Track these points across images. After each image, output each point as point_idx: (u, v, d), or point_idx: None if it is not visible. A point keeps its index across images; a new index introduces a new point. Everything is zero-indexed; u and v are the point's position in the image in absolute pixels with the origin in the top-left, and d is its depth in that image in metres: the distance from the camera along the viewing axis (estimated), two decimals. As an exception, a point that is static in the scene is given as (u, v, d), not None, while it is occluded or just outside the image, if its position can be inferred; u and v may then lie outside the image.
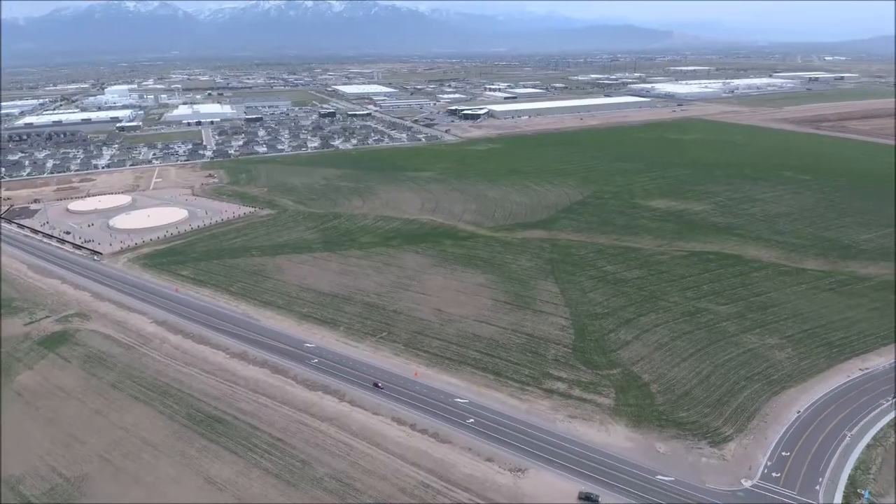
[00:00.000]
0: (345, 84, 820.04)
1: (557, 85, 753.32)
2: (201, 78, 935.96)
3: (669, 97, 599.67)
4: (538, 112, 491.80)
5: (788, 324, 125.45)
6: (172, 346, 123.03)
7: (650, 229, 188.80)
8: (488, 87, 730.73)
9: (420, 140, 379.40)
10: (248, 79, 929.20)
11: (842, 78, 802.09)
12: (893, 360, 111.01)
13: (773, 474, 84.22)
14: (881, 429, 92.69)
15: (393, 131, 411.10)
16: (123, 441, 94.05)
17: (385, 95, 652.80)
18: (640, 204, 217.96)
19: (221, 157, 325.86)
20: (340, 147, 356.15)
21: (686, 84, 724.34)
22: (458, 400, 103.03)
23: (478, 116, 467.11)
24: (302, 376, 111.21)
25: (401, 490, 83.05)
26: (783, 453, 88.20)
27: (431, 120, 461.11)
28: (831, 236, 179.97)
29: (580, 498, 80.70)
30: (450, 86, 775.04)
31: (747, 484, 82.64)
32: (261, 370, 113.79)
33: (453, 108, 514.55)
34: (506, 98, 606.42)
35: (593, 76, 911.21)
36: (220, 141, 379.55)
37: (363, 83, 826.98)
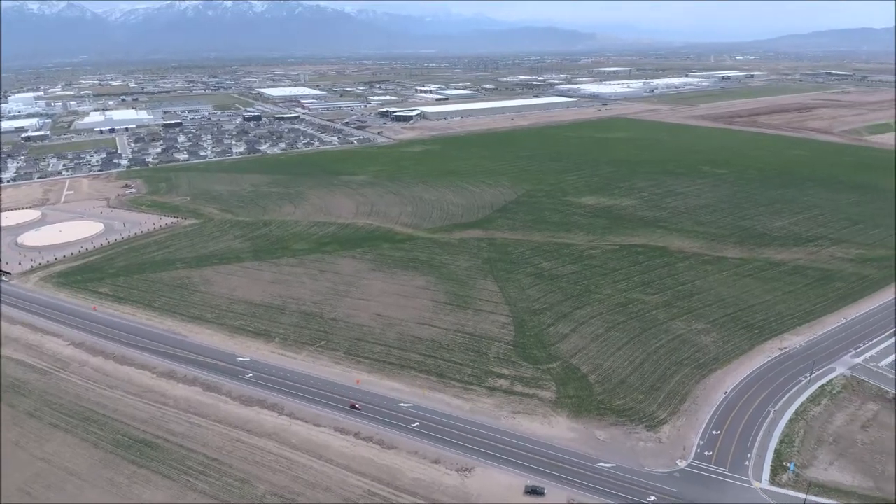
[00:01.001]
0: (270, 87, 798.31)
1: (488, 86, 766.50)
2: (114, 83, 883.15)
3: (595, 97, 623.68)
4: (470, 113, 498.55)
5: (713, 309, 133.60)
6: (93, 369, 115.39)
7: (582, 225, 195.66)
8: (419, 88, 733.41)
9: (352, 143, 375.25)
10: (165, 83, 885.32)
11: (751, 76, 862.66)
12: (809, 339, 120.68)
13: (706, 453, 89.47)
14: (801, 404, 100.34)
15: (323, 134, 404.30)
16: (45, 473, 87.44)
17: (313, 98, 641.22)
18: (572, 201, 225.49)
19: (139, 166, 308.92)
20: (268, 152, 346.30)
21: (610, 84, 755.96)
22: (403, 404, 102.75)
23: (410, 118, 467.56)
24: (236, 392, 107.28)
25: (347, 501, 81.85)
26: (714, 432, 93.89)
27: (363, 122, 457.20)
28: (747, 225, 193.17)
29: (526, 492, 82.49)
30: (380, 87, 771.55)
31: (682, 464, 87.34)
32: (191, 388, 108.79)
33: (385, 109, 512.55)
34: (438, 99, 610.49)
35: (522, 77, 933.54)
36: (136, 149, 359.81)
37: (290, 85, 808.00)
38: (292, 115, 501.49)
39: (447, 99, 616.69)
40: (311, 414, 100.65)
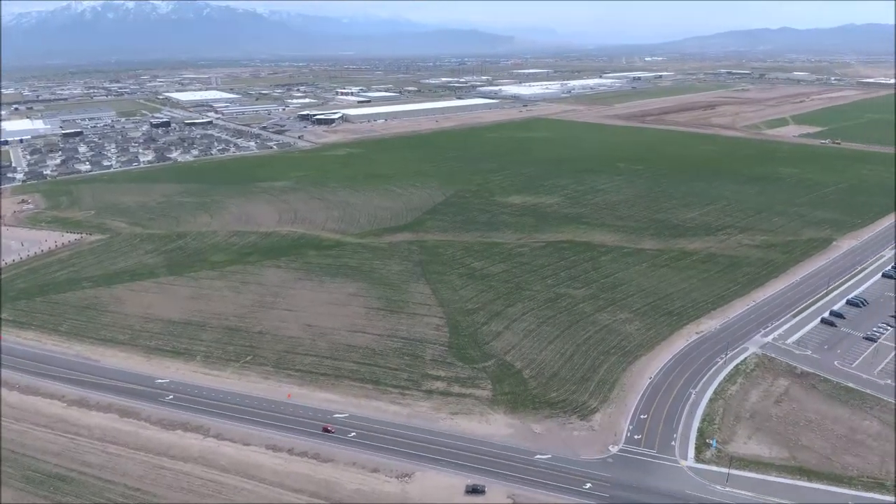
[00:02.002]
0: (179, 91, 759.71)
1: (410, 88, 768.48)
2: (5, 91, 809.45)
3: (516, 98, 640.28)
4: (394, 115, 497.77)
5: (635, 299, 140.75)
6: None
7: (510, 224, 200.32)
8: (340, 90, 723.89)
9: (271, 148, 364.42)
10: (63, 90, 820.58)
11: (660, 76, 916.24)
12: (723, 322, 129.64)
13: (636, 437, 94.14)
14: (719, 384, 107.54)
15: (239, 139, 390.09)
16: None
17: (227, 102, 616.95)
18: (499, 201, 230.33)
19: (36, 180, 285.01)
20: (179, 159, 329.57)
21: (529, 86, 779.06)
22: (338, 415, 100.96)
23: (332, 121, 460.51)
24: (156, 416, 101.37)
25: (284, 520, 79.38)
26: (641, 417, 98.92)
27: (282, 126, 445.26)
28: (663, 218, 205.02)
29: (467, 492, 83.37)
30: (298, 90, 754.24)
31: (614, 449, 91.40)
32: (106, 416, 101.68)
33: (305, 113, 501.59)
34: (360, 102, 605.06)
35: (444, 79, 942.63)
36: (32, 161, 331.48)
37: (200, 89, 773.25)
38: (205, 120, 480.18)
39: (369, 101, 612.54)
40: (240, 433, 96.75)
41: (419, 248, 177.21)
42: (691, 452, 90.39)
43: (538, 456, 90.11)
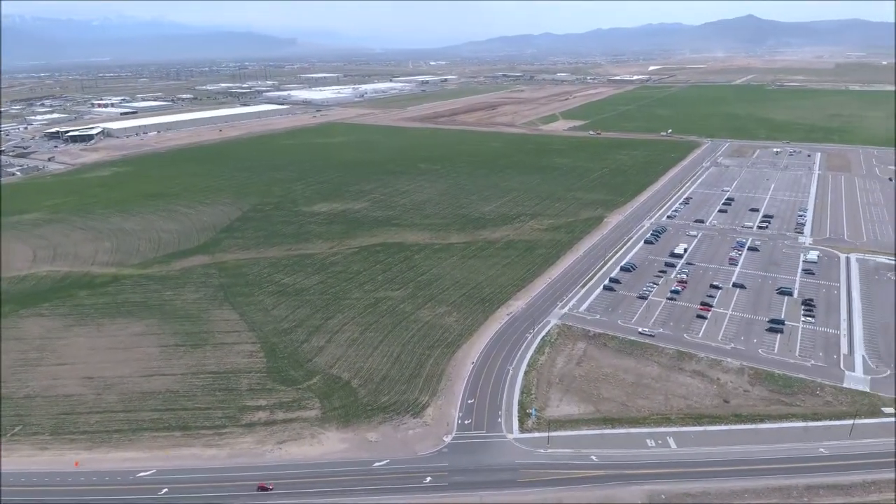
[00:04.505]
0: None
1: (185, 96, 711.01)
2: None
3: (307, 103, 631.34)
4: (168, 126, 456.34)
5: (450, 292, 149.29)
6: None
7: (319, 234, 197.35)
8: (97, 102, 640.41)
9: (14, 175, 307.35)
10: None
11: (446, 80, 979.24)
12: (528, 301, 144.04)
13: (466, 422, 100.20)
14: (531, 356, 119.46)
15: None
16: None
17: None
18: (304, 210, 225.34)
19: None
20: None
21: (321, 90, 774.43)
22: (142, 474, 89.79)
23: (91, 137, 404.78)
24: None
25: None
26: (469, 401, 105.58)
27: (25, 148, 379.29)
28: (465, 212, 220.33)
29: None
30: (43, 104, 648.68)
31: (448, 439, 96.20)
32: None
33: (54, 130, 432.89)
34: (123, 114, 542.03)
35: (224, 85, 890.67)
36: None
37: None
38: None
39: (135, 112, 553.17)
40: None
41: (218, 271, 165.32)
42: (516, 425, 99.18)
43: (376, 464, 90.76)
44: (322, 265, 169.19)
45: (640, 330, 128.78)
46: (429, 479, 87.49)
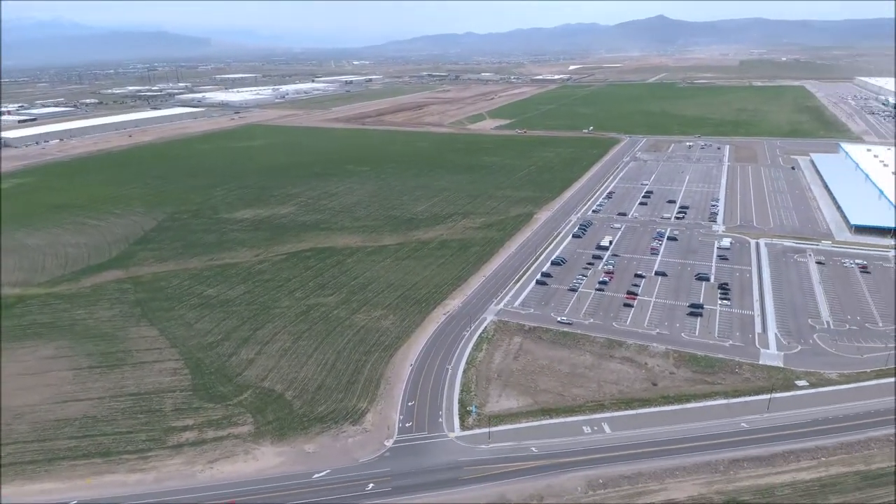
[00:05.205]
0: None
1: (89, 101, 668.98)
2: None
3: (224, 106, 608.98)
4: (72, 133, 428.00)
5: (385, 295, 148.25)
6: None
7: (243, 241, 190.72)
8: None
9: None
10: None
11: (370, 80, 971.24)
12: (463, 300, 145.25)
13: (407, 424, 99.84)
14: (469, 354, 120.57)
15: None
16: None
17: None
18: (226, 217, 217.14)
19: None
20: None
21: (238, 92, 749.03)
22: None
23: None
24: None
25: None
26: (409, 404, 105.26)
27: None
28: (397, 214, 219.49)
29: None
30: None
31: (389, 443, 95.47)
32: None
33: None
34: (22, 121, 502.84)
35: (132, 88, 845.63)
36: None
37: None
38: None
39: (35, 119, 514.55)
40: None
41: (133, 286, 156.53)
42: (457, 423, 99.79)
43: (316, 475, 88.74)
44: (248, 274, 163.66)
45: (558, 319, 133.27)
46: (371, 485, 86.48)
